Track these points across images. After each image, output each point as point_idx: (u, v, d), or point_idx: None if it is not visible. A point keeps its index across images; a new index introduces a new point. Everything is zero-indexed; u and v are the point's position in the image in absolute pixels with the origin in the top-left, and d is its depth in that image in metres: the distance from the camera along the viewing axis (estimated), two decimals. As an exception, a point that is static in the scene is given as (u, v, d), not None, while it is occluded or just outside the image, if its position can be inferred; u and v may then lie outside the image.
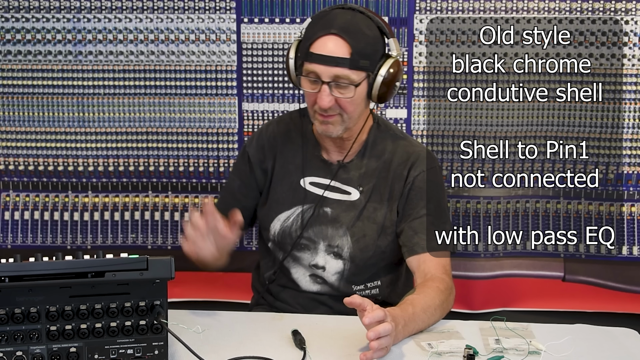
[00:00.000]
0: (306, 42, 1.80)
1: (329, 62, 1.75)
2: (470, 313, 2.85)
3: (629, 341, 1.69)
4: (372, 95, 1.81)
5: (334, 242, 1.91)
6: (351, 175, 1.92)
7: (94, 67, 2.82)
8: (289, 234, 1.94)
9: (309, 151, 1.95)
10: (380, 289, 1.95)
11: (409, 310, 1.62)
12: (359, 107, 1.83)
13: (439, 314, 1.73)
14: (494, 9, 2.72)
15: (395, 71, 1.80)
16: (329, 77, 1.76)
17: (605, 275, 2.84)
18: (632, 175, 2.79)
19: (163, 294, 1.46)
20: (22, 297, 1.40)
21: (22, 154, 2.87)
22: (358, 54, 1.75)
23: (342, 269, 1.91)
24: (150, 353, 1.47)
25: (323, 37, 1.76)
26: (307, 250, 1.93)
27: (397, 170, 1.91)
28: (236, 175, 2.04)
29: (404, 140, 1.96)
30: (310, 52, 1.77)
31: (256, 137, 2.02)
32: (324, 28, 1.77)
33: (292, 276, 1.96)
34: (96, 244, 2.87)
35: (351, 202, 1.91)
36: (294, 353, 1.56)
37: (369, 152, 1.93)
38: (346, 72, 1.75)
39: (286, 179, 1.96)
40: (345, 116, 1.81)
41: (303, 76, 1.80)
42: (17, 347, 1.42)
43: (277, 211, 1.95)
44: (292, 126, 2.00)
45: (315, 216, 1.92)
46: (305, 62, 1.79)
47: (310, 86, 1.80)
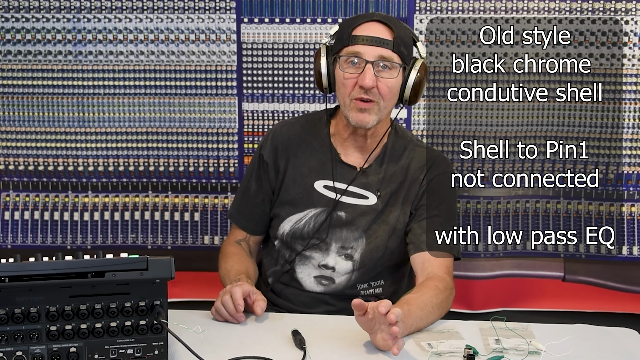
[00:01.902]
0: (346, 30, 1.83)
1: (374, 42, 1.80)
2: (470, 313, 2.85)
3: (629, 341, 1.69)
4: (405, 92, 1.85)
5: (348, 244, 1.92)
6: (370, 180, 1.93)
7: (94, 67, 2.82)
8: (301, 235, 1.94)
9: (327, 154, 1.95)
10: (384, 288, 1.96)
11: (405, 308, 1.63)
12: (394, 98, 1.86)
13: (438, 313, 1.73)
14: (494, 9, 2.72)
15: (424, 72, 1.85)
16: (374, 56, 1.80)
17: (605, 275, 2.84)
18: (632, 175, 2.79)
19: (163, 294, 1.46)
20: (22, 297, 1.40)
21: (22, 154, 2.87)
22: (400, 39, 1.81)
23: (351, 270, 1.92)
24: (150, 353, 1.47)
25: (366, 23, 1.83)
26: (318, 251, 1.94)
27: (414, 175, 1.94)
28: (252, 179, 2.04)
29: (421, 147, 1.99)
30: (354, 35, 1.81)
31: (270, 137, 2.02)
32: (365, 17, 1.84)
33: (296, 275, 1.96)
34: (96, 244, 2.87)
35: (368, 207, 1.92)
36: (294, 353, 1.56)
37: (388, 157, 1.95)
38: (390, 53, 1.81)
39: (299, 181, 1.96)
40: (382, 104, 1.84)
41: (343, 59, 1.82)
42: (17, 347, 1.42)
43: (289, 212, 1.96)
44: (308, 128, 2.01)
45: (330, 219, 1.92)
46: (346, 47, 1.82)
47: (351, 69, 1.82)
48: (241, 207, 2.05)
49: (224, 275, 1.93)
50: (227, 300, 1.68)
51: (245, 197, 2.04)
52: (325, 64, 1.87)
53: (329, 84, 1.88)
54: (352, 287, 1.93)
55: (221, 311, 1.69)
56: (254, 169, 2.03)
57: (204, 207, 2.87)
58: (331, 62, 1.86)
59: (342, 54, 1.82)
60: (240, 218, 2.04)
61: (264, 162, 2.00)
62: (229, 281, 1.85)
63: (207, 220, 2.88)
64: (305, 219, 1.94)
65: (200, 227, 2.88)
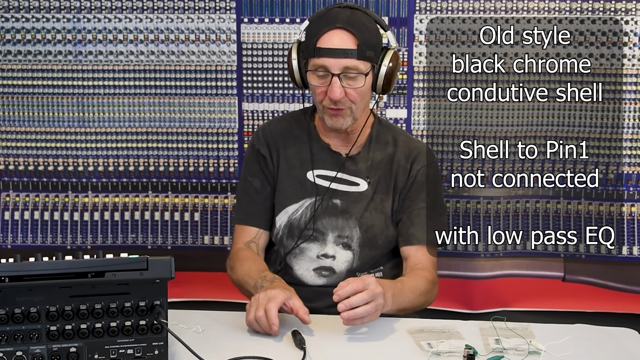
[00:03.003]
0: (311, 39, 1.84)
1: (338, 55, 1.80)
2: (470, 313, 2.85)
3: (629, 341, 1.68)
4: (377, 86, 1.87)
5: (344, 232, 1.94)
6: (359, 167, 1.97)
7: (94, 67, 2.82)
8: (297, 226, 1.96)
9: (315, 145, 1.98)
10: (384, 273, 1.98)
11: (398, 286, 1.72)
12: (365, 98, 1.89)
13: (424, 300, 1.82)
14: (494, 9, 2.72)
15: (395, 62, 1.87)
16: (339, 69, 1.81)
17: (605, 275, 2.84)
18: (632, 175, 2.79)
19: (163, 294, 1.46)
20: (22, 297, 1.40)
21: (22, 154, 2.87)
22: (364, 44, 1.81)
23: (351, 259, 1.95)
24: (150, 353, 1.47)
25: (329, 32, 1.81)
26: (315, 242, 1.95)
27: (400, 162, 1.97)
28: (252, 176, 2.03)
29: (404, 136, 2.03)
30: (318, 47, 1.81)
31: (260, 133, 2.04)
32: (328, 24, 1.82)
33: (295, 273, 1.96)
34: (96, 244, 2.87)
35: (359, 193, 1.96)
36: (294, 353, 1.56)
37: (374, 144, 1.98)
38: (355, 62, 1.80)
39: (291, 173, 1.98)
40: (354, 107, 1.87)
41: (310, 71, 1.84)
42: (17, 347, 1.42)
43: (284, 204, 1.97)
44: (294, 123, 2.03)
45: (325, 207, 1.95)
46: (312, 58, 1.83)
47: (319, 81, 1.84)
48: (249, 207, 2.03)
49: (245, 276, 1.89)
50: (261, 318, 1.64)
51: (249, 196, 2.03)
52: (297, 64, 1.89)
53: (302, 82, 1.91)
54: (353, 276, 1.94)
55: (254, 326, 1.67)
56: (252, 166, 2.03)
57: (204, 207, 2.87)
58: (302, 64, 1.88)
59: (310, 67, 1.84)
60: (252, 217, 2.02)
61: (261, 156, 2.01)
62: (252, 280, 1.83)
63: (207, 220, 2.88)
64: (302, 209, 1.96)
65: (200, 227, 2.88)
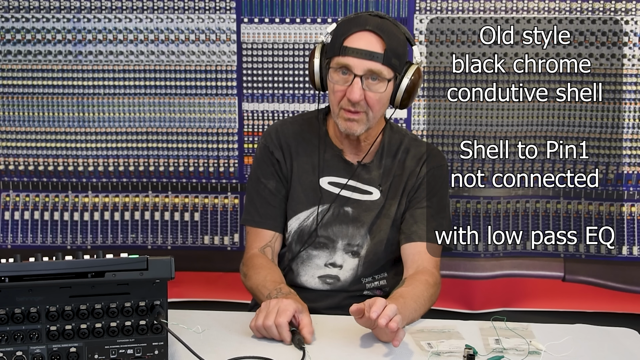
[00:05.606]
0: (337, 38, 1.82)
1: (364, 56, 1.78)
2: (470, 313, 2.85)
3: (629, 341, 1.68)
4: (396, 98, 1.85)
5: (354, 241, 1.93)
6: (372, 175, 1.95)
7: (94, 67, 2.82)
8: (308, 233, 1.94)
9: (328, 151, 1.96)
10: (387, 280, 1.98)
11: (400, 302, 1.66)
12: (383, 108, 1.87)
13: (428, 306, 1.79)
14: (494, 9, 2.72)
15: (417, 77, 1.84)
16: (363, 70, 1.79)
17: (605, 275, 2.84)
18: (632, 175, 2.79)
19: (163, 294, 1.46)
20: (22, 297, 1.40)
21: (22, 154, 2.87)
22: (391, 51, 1.79)
23: (356, 266, 1.94)
24: (150, 353, 1.47)
25: (358, 33, 1.80)
26: (324, 249, 1.94)
27: (410, 167, 1.96)
28: (266, 178, 1.99)
29: (415, 140, 2.01)
30: (345, 46, 1.79)
31: (274, 135, 2.00)
32: (358, 25, 1.81)
33: (299, 279, 1.96)
34: (96, 244, 2.87)
35: (372, 202, 1.94)
36: (294, 353, 1.56)
37: (386, 152, 1.97)
38: (379, 67, 1.79)
39: (304, 179, 1.96)
40: (370, 115, 1.84)
41: (333, 69, 1.82)
42: (17, 347, 1.42)
43: (296, 210, 1.96)
44: (306, 127, 2.00)
45: (336, 215, 1.94)
46: (336, 57, 1.81)
47: (340, 80, 1.82)
48: (263, 210, 1.99)
49: (259, 285, 1.86)
50: (271, 328, 1.63)
51: (264, 198, 1.99)
52: (318, 65, 1.87)
53: (321, 84, 1.89)
54: (357, 282, 1.94)
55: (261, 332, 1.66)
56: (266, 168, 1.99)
57: (204, 207, 2.87)
58: (325, 65, 1.86)
59: (332, 65, 1.82)
60: (268, 220, 1.98)
61: (275, 159, 1.98)
62: (266, 291, 1.80)
63: (207, 220, 2.88)
64: (313, 216, 1.94)
65: (200, 227, 2.88)
